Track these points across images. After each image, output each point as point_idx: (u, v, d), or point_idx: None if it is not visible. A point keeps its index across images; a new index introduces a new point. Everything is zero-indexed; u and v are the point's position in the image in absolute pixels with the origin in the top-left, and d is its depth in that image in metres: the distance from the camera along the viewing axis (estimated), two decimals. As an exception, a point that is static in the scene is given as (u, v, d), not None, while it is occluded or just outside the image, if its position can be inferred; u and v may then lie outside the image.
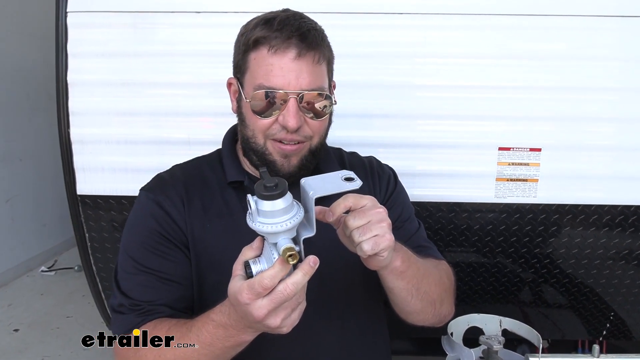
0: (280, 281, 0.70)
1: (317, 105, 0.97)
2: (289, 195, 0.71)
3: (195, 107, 1.62)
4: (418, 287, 0.95)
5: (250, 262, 0.74)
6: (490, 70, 1.59)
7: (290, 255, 0.69)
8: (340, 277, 1.05)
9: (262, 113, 0.96)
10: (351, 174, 0.78)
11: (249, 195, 0.72)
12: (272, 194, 0.69)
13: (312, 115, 0.97)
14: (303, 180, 0.77)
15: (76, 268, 4.08)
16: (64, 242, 4.50)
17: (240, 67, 1.00)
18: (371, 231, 0.78)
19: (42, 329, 3.28)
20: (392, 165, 1.26)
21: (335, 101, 1.03)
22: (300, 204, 0.75)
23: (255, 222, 0.71)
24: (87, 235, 1.72)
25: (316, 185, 0.75)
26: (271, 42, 0.93)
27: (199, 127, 1.63)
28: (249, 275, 0.73)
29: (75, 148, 1.65)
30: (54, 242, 4.48)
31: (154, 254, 1.00)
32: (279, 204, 0.70)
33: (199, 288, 1.02)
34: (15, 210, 4.11)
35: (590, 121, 1.60)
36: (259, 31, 0.94)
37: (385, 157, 1.28)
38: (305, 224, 0.76)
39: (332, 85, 1.06)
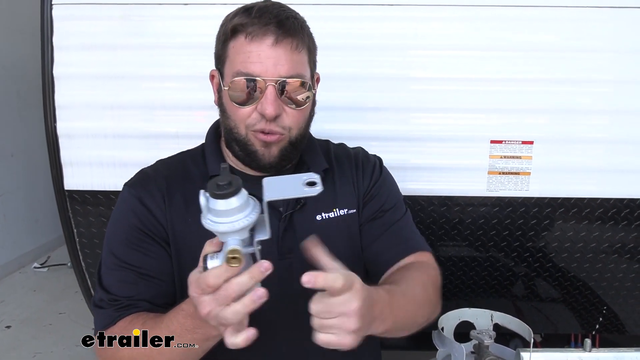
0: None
1: (296, 95, 0.95)
2: (242, 195, 0.68)
3: (184, 100, 1.60)
4: (405, 323, 0.92)
5: (208, 256, 0.71)
6: (483, 63, 1.57)
7: (233, 258, 0.65)
8: None
9: (240, 101, 0.94)
10: (315, 178, 0.72)
11: (201, 191, 0.69)
12: (222, 193, 0.66)
13: (292, 104, 0.95)
14: (264, 180, 0.73)
15: (69, 264, 4.03)
16: (56, 239, 4.45)
17: (220, 57, 0.99)
18: (330, 327, 0.70)
19: (35, 325, 3.26)
20: (384, 158, 1.24)
21: (314, 92, 1.01)
22: (258, 203, 0.71)
23: (205, 220, 0.68)
24: (75, 230, 1.70)
25: (273, 187, 0.72)
26: (248, 29, 0.91)
27: (188, 120, 1.60)
28: (204, 269, 0.70)
29: (62, 142, 1.63)
30: (47, 238, 4.44)
31: (134, 250, 0.98)
32: (230, 203, 0.66)
33: (180, 283, 1.00)
34: (7, 206, 4.07)
35: (582, 114, 1.59)
36: (237, 19, 0.93)
37: (377, 151, 1.25)
38: (263, 224, 0.73)
39: (315, 77, 1.04)
